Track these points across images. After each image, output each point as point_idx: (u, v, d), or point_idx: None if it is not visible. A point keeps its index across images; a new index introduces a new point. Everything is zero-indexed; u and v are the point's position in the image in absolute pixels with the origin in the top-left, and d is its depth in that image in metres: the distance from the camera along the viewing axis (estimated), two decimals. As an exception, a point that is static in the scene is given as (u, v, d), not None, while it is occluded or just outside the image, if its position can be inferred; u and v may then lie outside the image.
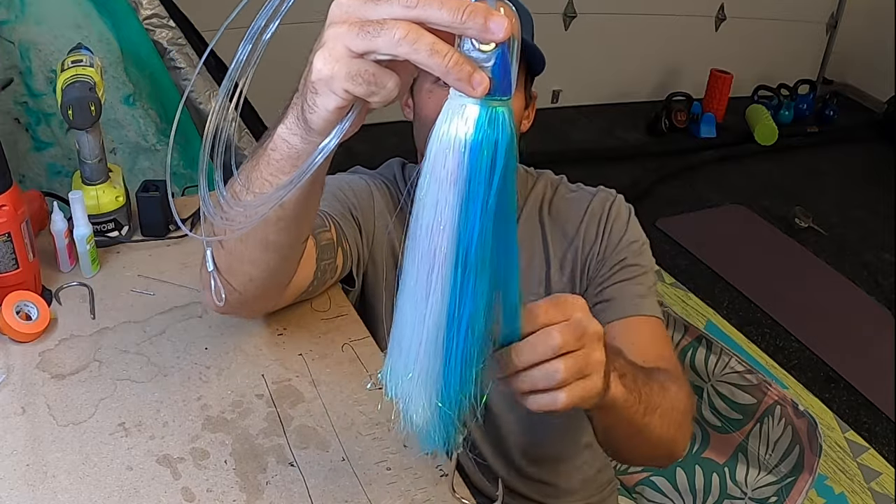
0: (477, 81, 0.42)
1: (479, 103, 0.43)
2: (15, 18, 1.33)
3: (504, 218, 0.46)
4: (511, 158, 0.45)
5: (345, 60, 0.45)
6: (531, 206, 1.05)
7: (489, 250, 0.46)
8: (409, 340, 0.50)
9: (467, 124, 0.44)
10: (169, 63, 1.52)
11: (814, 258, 2.93)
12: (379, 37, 0.43)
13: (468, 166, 0.44)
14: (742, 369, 1.10)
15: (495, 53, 0.43)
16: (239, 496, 0.74)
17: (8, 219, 0.89)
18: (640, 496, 1.22)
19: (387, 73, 0.45)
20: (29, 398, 0.82)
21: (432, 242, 0.46)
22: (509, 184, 0.46)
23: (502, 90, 0.44)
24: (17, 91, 1.37)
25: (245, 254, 0.70)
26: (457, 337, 0.49)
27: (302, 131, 0.53)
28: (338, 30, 0.45)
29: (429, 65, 0.43)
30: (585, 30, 3.82)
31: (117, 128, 1.46)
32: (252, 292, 0.76)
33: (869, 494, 1.87)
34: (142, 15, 1.46)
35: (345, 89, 0.46)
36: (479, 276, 0.47)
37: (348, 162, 1.12)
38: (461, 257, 0.46)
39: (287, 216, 0.65)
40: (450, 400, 0.51)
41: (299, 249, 0.73)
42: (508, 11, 0.43)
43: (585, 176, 1.14)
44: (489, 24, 0.41)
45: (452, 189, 0.44)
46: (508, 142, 0.44)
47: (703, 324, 2.41)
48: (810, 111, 4.22)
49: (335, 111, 0.49)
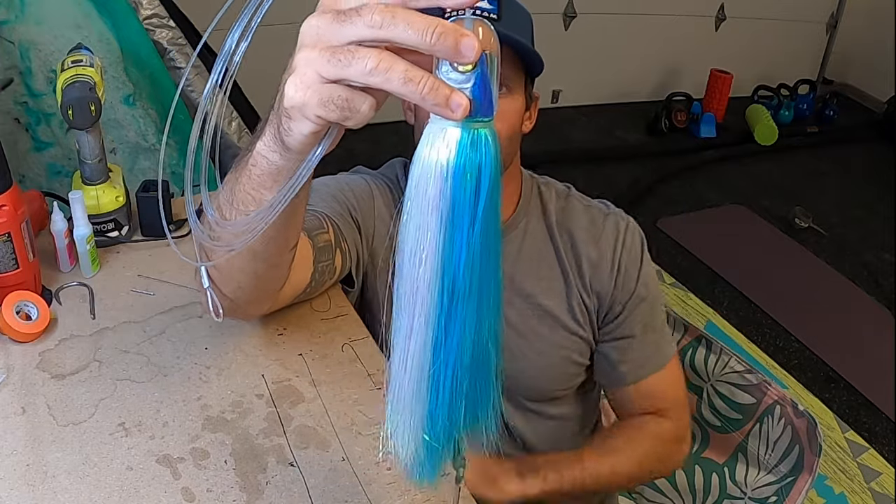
0: (455, 104, 0.41)
1: (461, 126, 0.42)
2: (15, 18, 1.33)
3: (490, 242, 0.45)
4: (496, 180, 0.44)
5: (316, 87, 0.44)
6: (537, 212, 1.04)
7: (477, 276, 0.45)
8: (397, 371, 0.48)
9: (449, 148, 0.42)
10: (169, 63, 1.52)
11: (814, 258, 2.93)
12: (350, 66, 0.42)
13: (452, 191, 0.43)
14: (742, 369, 1.10)
15: (474, 74, 0.42)
16: (239, 496, 0.74)
17: (8, 219, 0.89)
18: (640, 496, 1.22)
19: (360, 97, 0.44)
20: (29, 398, 0.82)
21: (415, 271, 0.45)
22: (495, 206, 0.44)
23: (483, 111, 0.42)
24: (17, 91, 1.37)
25: (234, 264, 0.70)
26: (444, 367, 0.47)
27: (280, 149, 0.53)
28: (308, 55, 0.43)
29: (403, 93, 0.41)
30: (585, 30, 3.82)
31: (117, 128, 1.46)
32: (244, 298, 0.76)
33: (869, 494, 1.87)
34: (142, 15, 1.46)
35: (318, 115, 0.45)
36: (467, 304, 0.45)
37: (349, 162, 1.12)
38: (447, 285, 0.45)
39: (272, 229, 0.64)
40: (437, 433, 0.49)
41: (287, 256, 0.73)
42: (486, 31, 0.42)
43: (585, 176, 1.14)
44: (460, 47, 0.40)
45: (435, 215, 0.43)
46: (492, 164, 0.43)
47: (703, 324, 2.41)
48: (810, 111, 4.23)
49: (310, 136, 0.48)
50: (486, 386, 0.50)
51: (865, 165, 3.93)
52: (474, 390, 0.49)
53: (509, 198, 1.01)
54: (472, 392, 0.49)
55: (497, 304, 0.48)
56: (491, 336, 0.48)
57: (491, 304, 0.47)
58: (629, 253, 1.02)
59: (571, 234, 1.02)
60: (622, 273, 1.01)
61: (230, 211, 0.60)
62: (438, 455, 0.51)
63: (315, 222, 0.89)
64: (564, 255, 1.01)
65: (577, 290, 1.01)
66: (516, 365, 1.00)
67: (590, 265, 1.01)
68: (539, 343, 1.00)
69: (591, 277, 1.01)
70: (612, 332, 1.03)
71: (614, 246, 1.01)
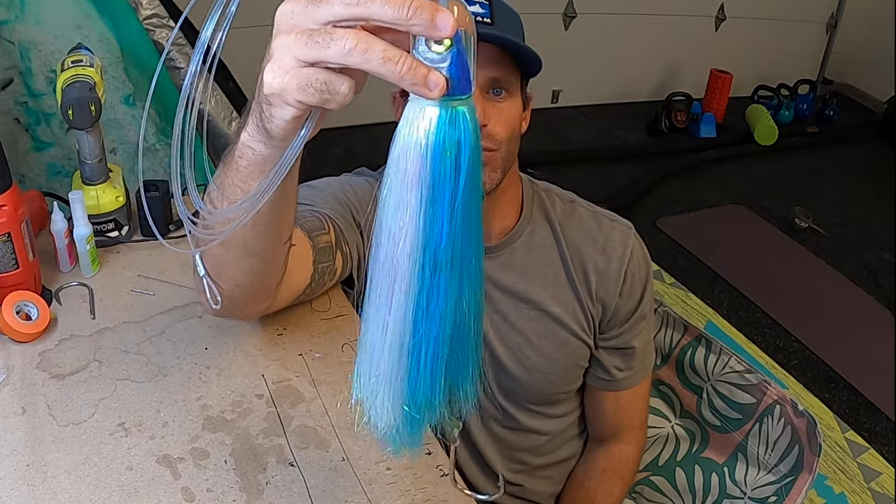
0: (433, 83, 0.42)
1: (439, 105, 0.43)
2: (15, 18, 1.33)
3: (471, 216, 0.46)
4: (476, 156, 0.45)
5: (294, 72, 0.44)
6: (541, 219, 1.03)
7: (458, 250, 0.46)
8: (372, 343, 0.49)
9: (427, 127, 0.43)
10: (169, 63, 1.52)
11: (814, 258, 2.93)
12: (329, 48, 0.42)
13: (431, 169, 0.44)
14: (741, 369, 1.10)
15: (450, 53, 0.42)
16: (239, 496, 0.74)
17: (8, 219, 0.89)
18: (640, 496, 1.22)
19: (339, 79, 0.44)
20: (29, 398, 0.82)
21: (394, 246, 0.46)
22: (475, 181, 0.46)
23: (461, 89, 0.43)
24: (17, 91, 1.37)
25: (228, 259, 0.70)
26: (426, 339, 0.48)
27: (264, 138, 0.53)
28: (285, 40, 0.44)
29: (382, 73, 0.42)
30: (585, 30, 3.81)
31: (117, 128, 1.46)
32: (241, 296, 0.76)
33: (869, 494, 1.87)
34: (142, 15, 1.46)
35: (298, 100, 0.45)
36: (449, 278, 0.47)
37: (349, 162, 1.12)
38: (428, 260, 0.46)
39: (262, 221, 0.65)
40: (418, 403, 0.50)
41: (281, 251, 0.73)
42: (461, 10, 0.42)
43: (585, 176, 1.14)
44: (436, 21, 0.41)
45: (414, 192, 0.44)
46: (472, 140, 0.44)
47: (703, 324, 2.41)
48: (810, 111, 4.23)
49: (292, 121, 0.48)
50: (467, 356, 0.52)
51: (865, 165, 3.93)
52: (455, 360, 0.51)
53: (511, 201, 1.01)
54: (453, 362, 0.51)
55: (479, 276, 0.49)
56: (472, 307, 0.50)
57: (472, 276, 0.48)
58: (636, 263, 1.02)
59: (577, 242, 1.02)
60: (628, 283, 1.01)
61: (221, 203, 0.60)
62: (419, 425, 0.52)
63: (316, 223, 0.89)
64: (571, 263, 1.01)
65: (583, 297, 1.01)
66: (522, 370, 1.01)
67: (596, 273, 1.01)
68: (545, 348, 1.01)
69: (597, 286, 1.01)
70: (612, 341, 1.04)
71: (622, 255, 1.01)
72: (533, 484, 1.10)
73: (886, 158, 3.97)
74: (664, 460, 1.20)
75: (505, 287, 1.00)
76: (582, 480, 1.11)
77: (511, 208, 1.01)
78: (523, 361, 1.00)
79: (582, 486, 1.10)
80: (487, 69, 0.86)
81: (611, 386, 1.06)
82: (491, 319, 1.00)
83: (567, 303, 1.01)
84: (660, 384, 1.22)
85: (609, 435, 1.11)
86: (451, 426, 0.58)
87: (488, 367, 1.01)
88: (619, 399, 1.08)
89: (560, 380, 1.04)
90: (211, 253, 0.71)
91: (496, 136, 0.89)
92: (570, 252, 1.01)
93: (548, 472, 1.12)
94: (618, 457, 1.10)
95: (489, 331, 0.99)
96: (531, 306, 1.00)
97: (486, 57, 0.86)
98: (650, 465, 1.21)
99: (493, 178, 0.91)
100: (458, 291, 0.48)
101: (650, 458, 1.21)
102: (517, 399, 1.03)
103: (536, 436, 1.07)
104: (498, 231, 1.01)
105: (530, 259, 1.01)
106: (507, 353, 1.00)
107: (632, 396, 1.08)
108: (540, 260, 1.01)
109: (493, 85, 0.88)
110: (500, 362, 1.00)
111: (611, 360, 1.05)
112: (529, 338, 1.00)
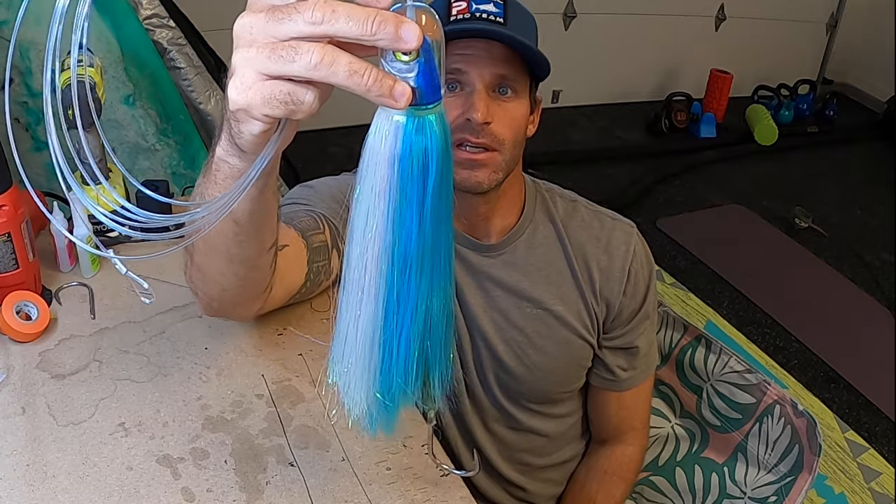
0: (399, 94, 0.42)
1: (405, 114, 0.44)
2: (15, 18, 1.33)
3: (441, 218, 0.48)
4: (446, 162, 0.46)
5: (257, 86, 0.44)
6: (543, 218, 1.03)
7: (428, 251, 0.48)
8: (345, 334, 0.51)
9: (394, 136, 0.44)
10: (169, 63, 1.52)
11: (814, 258, 2.93)
12: (294, 62, 0.42)
13: (399, 177, 0.45)
14: (741, 369, 1.10)
15: (417, 62, 0.43)
16: (239, 496, 0.74)
17: (8, 219, 0.89)
18: (640, 496, 1.22)
19: (302, 89, 0.44)
20: (29, 398, 0.82)
21: (364, 249, 0.48)
22: (445, 186, 0.47)
23: (428, 97, 0.44)
24: (17, 91, 1.37)
25: (212, 267, 0.70)
26: (397, 334, 0.50)
27: (237, 152, 0.53)
28: (245, 54, 0.43)
29: (348, 86, 0.42)
30: (585, 30, 3.81)
31: (117, 128, 1.46)
32: (229, 300, 0.76)
33: (869, 494, 1.87)
34: (142, 15, 1.46)
35: (264, 114, 0.45)
36: (420, 276, 0.49)
37: (349, 162, 1.12)
38: (398, 260, 0.47)
39: (243, 230, 0.65)
40: (391, 392, 0.53)
41: (266, 258, 0.73)
42: (429, 18, 0.43)
43: (585, 176, 1.14)
44: (401, 33, 0.41)
45: (382, 199, 0.46)
46: (441, 146, 0.45)
47: (703, 324, 2.41)
48: (810, 111, 4.22)
49: (260, 135, 0.48)
50: (437, 349, 0.54)
51: (865, 165, 3.93)
52: (427, 353, 0.53)
53: (513, 201, 1.01)
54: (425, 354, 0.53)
55: (449, 274, 0.51)
56: (442, 303, 0.52)
57: (442, 275, 0.50)
58: (639, 262, 1.02)
59: (581, 241, 1.02)
60: (632, 281, 1.01)
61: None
62: (393, 411, 0.55)
63: (311, 222, 0.89)
64: (575, 261, 1.01)
65: (587, 295, 1.01)
66: (523, 368, 1.01)
67: (600, 272, 1.01)
68: (547, 347, 1.01)
69: (600, 284, 1.01)
70: (616, 340, 1.04)
71: (625, 254, 1.01)
72: (535, 486, 1.10)
73: (886, 158, 3.97)
74: (664, 460, 1.20)
75: (506, 285, 0.99)
76: (583, 482, 1.11)
77: (512, 207, 1.01)
78: (524, 360, 1.00)
79: (583, 488, 1.10)
80: (495, 66, 0.86)
81: (614, 386, 1.06)
82: (492, 318, 1.00)
83: (570, 301, 1.01)
84: (660, 384, 1.22)
85: (611, 435, 1.11)
86: (429, 407, 0.61)
87: (489, 365, 1.01)
88: (622, 399, 1.08)
89: (561, 379, 1.04)
90: (197, 263, 0.72)
91: (499, 135, 0.88)
92: (574, 250, 1.01)
93: (549, 473, 1.12)
94: (620, 458, 1.10)
95: (490, 329, 0.99)
96: (533, 305, 1.00)
97: (495, 55, 0.85)
98: (650, 465, 1.21)
99: (493, 179, 0.90)
100: (428, 289, 0.50)
101: (650, 458, 1.21)
102: (518, 398, 1.03)
103: (537, 436, 1.07)
104: (499, 229, 1.00)
105: (533, 257, 1.01)
106: (507, 352, 1.00)
107: (635, 396, 1.08)
108: (543, 258, 1.01)
109: (500, 83, 0.88)
110: (500, 361, 1.00)
111: (615, 359, 1.05)
112: (531, 336, 1.00)
